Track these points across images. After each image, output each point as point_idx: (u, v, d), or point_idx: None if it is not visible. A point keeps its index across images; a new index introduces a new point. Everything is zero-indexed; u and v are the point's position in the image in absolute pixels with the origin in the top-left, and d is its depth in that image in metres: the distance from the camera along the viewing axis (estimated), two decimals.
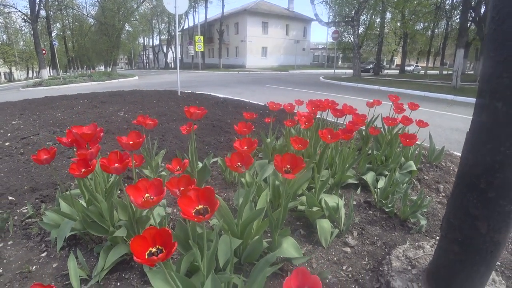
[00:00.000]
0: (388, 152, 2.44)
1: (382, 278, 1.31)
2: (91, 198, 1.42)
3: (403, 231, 1.73)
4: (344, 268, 1.40)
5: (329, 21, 20.13)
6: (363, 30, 21.66)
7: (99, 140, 1.44)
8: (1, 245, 1.55)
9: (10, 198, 2.03)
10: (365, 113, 2.23)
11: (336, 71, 20.61)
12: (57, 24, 26.85)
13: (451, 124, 5.13)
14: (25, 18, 19.92)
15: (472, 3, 13.20)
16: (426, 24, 21.06)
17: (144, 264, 1.20)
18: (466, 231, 1.03)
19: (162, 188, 0.96)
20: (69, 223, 1.39)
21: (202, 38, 22.49)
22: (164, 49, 42.08)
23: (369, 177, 2.12)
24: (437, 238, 1.65)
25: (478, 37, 15.83)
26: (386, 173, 2.25)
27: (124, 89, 8.88)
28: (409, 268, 1.32)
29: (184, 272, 1.16)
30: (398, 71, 25.06)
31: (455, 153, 3.13)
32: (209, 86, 11.03)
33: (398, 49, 27.11)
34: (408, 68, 29.82)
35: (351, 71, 18.08)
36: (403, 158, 2.44)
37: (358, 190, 2.16)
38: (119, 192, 1.94)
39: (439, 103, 7.67)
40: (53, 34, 25.09)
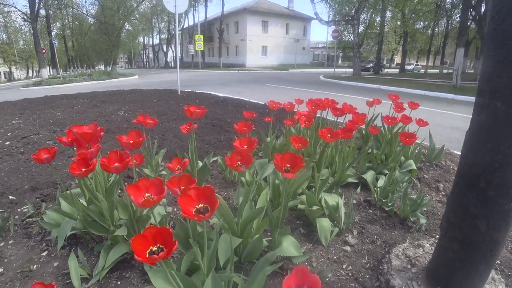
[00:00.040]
0: (388, 151, 2.44)
1: (382, 277, 1.31)
2: (92, 198, 1.42)
3: (403, 230, 1.74)
4: (344, 267, 1.41)
5: (329, 20, 20.11)
6: (363, 29, 21.58)
7: (99, 140, 1.44)
8: (2, 245, 1.55)
9: (11, 198, 2.04)
10: (365, 112, 2.23)
11: (336, 70, 20.58)
12: (57, 23, 26.88)
13: (451, 123, 5.13)
14: (25, 17, 19.89)
15: (473, 2, 13.14)
16: (426, 23, 20.98)
17: (145, 263, 1.21)
18: (466, 230, 1.04)
19: (163, 187, 0.96)
20: (70, 222, 1.40)
21: (202, 37, 22.49)
22: (164, 48, 42.01)
23: (369, 176, 2.12)
24: (437, 237, 1.66)
25: (478, 36, 15.79)
26: (386, 172, 2.25)
27: (124, 88, 8.86)
28: (409, 267, 1.32)
29: (185, 271, 1.17)
30: (398, 70, 25.04)
31: (455, 152, 3.13)
32: (209, 85, 11.02)
33: (398, 48, 27.05)
34: (408, 67, 29.80)
35: (351, 70, 18.05)
36: (403, 157, 2.44)
37: (358, 189, 2.16)
38: (120, 192, 1.94)
39: (439, 102, 7.66)
40: (53, 33, 25.14)
